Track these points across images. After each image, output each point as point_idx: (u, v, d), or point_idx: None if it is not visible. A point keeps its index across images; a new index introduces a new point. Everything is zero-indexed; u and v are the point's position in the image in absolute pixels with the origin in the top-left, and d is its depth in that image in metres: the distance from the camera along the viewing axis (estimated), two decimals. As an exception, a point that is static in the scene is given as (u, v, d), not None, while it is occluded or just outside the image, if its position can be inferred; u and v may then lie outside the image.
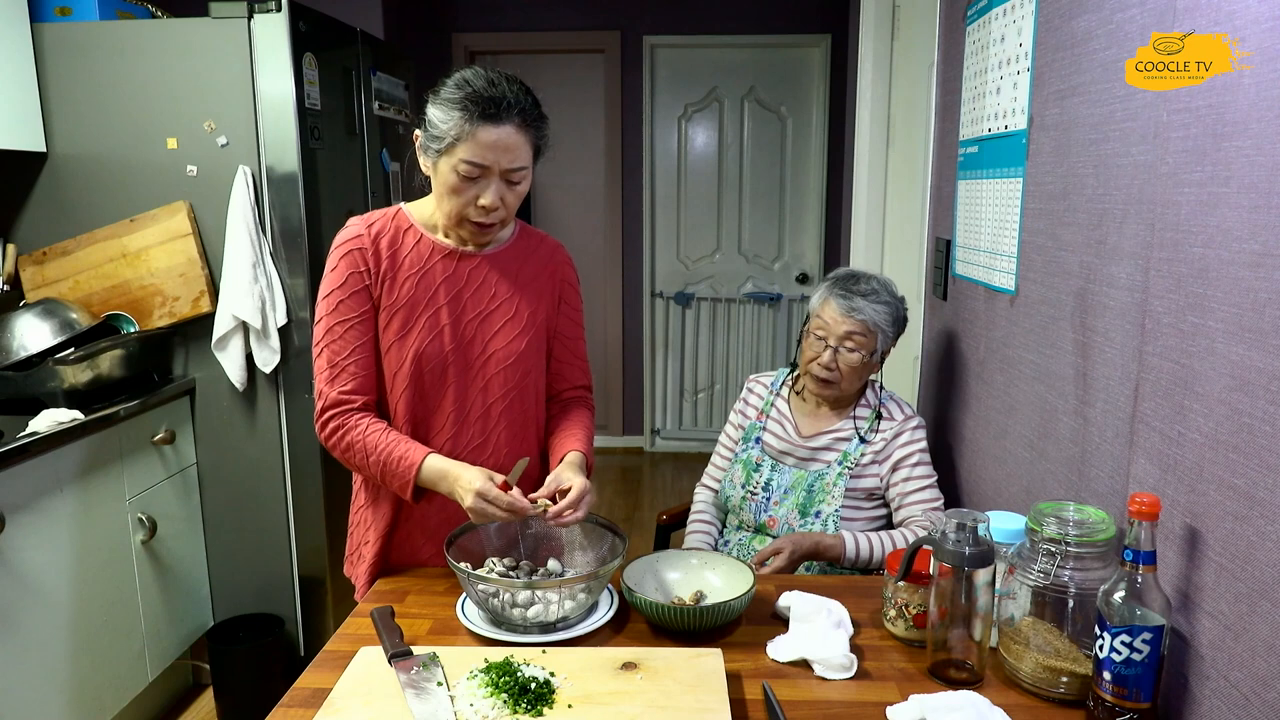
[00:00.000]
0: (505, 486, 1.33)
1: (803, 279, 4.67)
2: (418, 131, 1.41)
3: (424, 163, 1.42)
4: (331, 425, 1.43)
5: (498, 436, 1.52)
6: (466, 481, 1.34)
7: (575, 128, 4.65)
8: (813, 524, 1.76)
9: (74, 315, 2.27)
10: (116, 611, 2.20)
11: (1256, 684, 0.90)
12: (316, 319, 1.46)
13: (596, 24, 4.48)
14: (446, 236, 1.48)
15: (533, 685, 1.09)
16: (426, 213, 1.49)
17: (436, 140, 1.36)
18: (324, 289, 1.45)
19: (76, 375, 2.16)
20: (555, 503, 1.35)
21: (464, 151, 1.34)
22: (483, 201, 1.38)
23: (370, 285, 1.44)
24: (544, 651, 1.20)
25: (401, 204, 1.52)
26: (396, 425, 1.47)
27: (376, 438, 1.41)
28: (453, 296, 1.47)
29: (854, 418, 1.84)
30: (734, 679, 1.17)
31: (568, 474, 1.40)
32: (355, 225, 1.46)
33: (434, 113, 1.36)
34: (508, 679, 1.10)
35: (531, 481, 1.48)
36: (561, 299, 1.59)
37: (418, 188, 1.53)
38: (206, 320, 2.39)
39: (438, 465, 1.39)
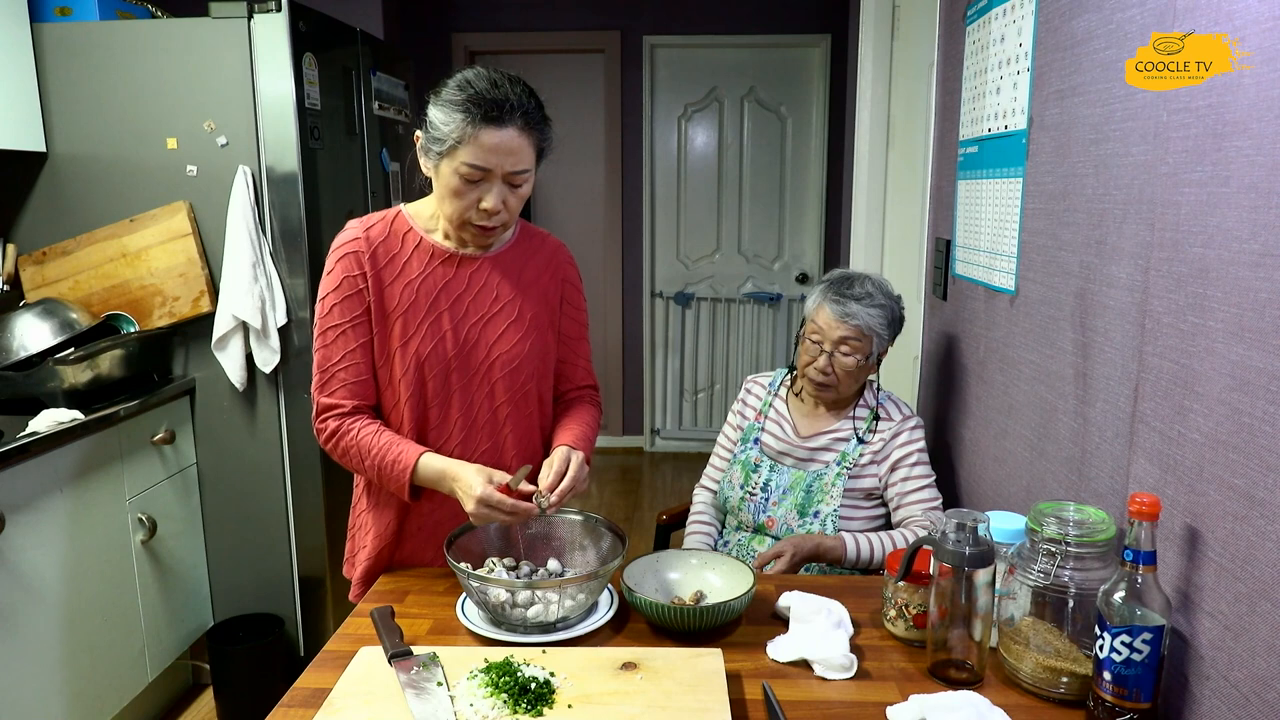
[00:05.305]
0: (505, 489, 1.32)
1: (803, 279, 4.67)
2: (419, 133, 1.39)
3: (425, 164, 1.40)
4: (327, 431, 1.43)
5: (505, 441, 1.51)
6: (466, 485, 1.32)
7: (575, 128, 4.64)
8: (811, 524, 1.76)
9: (74, 315, 2.27)
10: (116, 611, 2.20)
11: (1256, 684, 0.90)
12: (315, 321, 1.46)
13: (596, 24, 4.48)
14: (447, 238, 1.47)
15: (533, 685, 1.08)
16: (426, 214, 1.48)
17: (438, 142, 1.34)
18: (320, 292, 1.45)
19: (76, 375, 2.16)
20: (548, 495, 1.34)
21: (466, 154, 1.32)
22: (485, 205, 1.36)
23: (365, 289, 1.43)
24: (544, 651, 1.20)
25: (401, 205, 1.50)
26: (403, 433, 1.46)
27: (370, 440, 1.40)
28: (454, 300, 1.46)
29: (852, 418, 1.84)
30: (734, 679, 1.17)
31: (556, 454, 1.40)
32: (353, 229, 1.45)
33: (435, 114, 1.34)
34: (508, 679, 1.10)
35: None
36: (564, 299, 1.58)
37: (418, 189, 1.51)
38: (206, 320, 2.39)
39: (435, 465, 1.38)
